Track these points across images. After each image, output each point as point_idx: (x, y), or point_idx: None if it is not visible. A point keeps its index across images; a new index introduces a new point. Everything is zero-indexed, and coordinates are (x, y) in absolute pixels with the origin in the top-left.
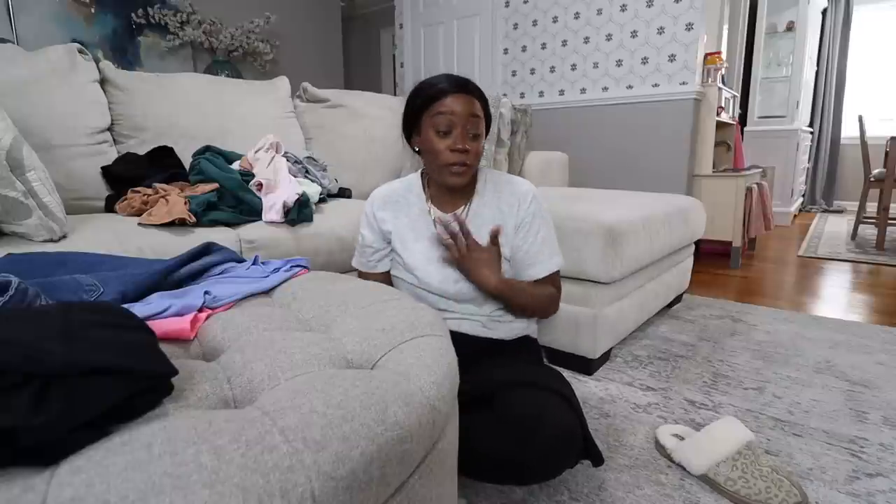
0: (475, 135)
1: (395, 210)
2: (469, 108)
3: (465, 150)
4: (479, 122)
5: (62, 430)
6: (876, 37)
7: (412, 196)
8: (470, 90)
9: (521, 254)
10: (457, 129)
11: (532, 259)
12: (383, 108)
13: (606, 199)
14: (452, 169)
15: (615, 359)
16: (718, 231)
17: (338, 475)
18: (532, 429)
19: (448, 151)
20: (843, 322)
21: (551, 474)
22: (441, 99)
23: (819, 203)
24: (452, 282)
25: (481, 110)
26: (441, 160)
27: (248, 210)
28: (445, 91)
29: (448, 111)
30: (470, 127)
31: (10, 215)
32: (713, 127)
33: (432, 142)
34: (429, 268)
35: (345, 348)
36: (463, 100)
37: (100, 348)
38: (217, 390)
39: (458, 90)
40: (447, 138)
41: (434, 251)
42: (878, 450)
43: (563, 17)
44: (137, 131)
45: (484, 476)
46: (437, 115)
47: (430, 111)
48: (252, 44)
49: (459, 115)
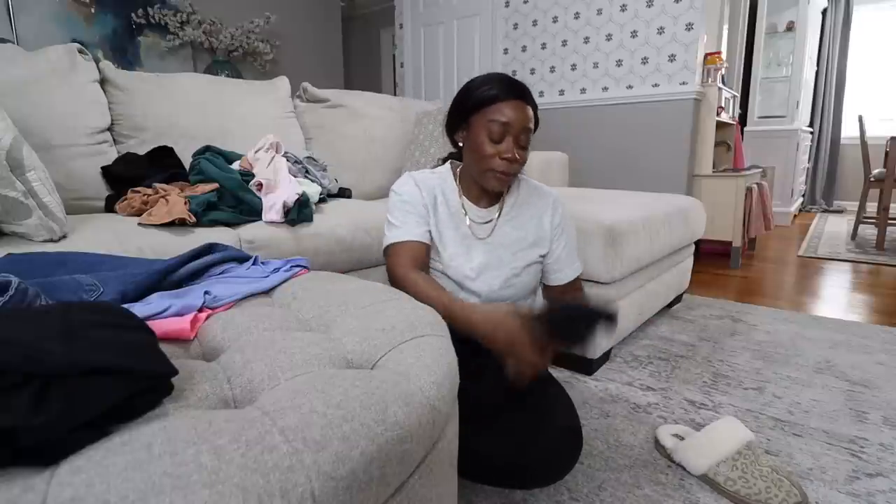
0: (524, 145)
1: (433, 198)
2: (524, 119)
3: (514, 160)
4: (530, 134)
5: (62, 430)
6: (876, 37)
7: (447, 189)
8: (527, 99)
9: (551, 259)
10: (510, 137)
11: (560, 265)
12: (383, 108)
13: (606, 199)
14: (498, 175)
15: (615, 359)
16: (718, 231)
17: (338, 475)
18: (533, 433)
19: (497, 158)
20: (843, 322)
21: (553, 478)
22: (498, 104)
23: (819, 203)
24: (497, 288)
25: (534, 120)
26: (488, 164)
27: (248, 210)
28: (504, 97)
29: (504, 119)
30: (522, 137)
31: (10, 215)
32: (713, 127)
33: (483, 145)
34: (464, 267)
35: (345, 348)
36: (520, 109)
37: (100, 348)
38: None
39: (516, 98)
40: (499, 145)
41: (469, 250)
42: (878, 450)
43: (563, 17)
44: (137, 131)
45: (484, 479)
46: (493, 121)
47: (486, 113)
48: (252, 44)
49: (514, 124)
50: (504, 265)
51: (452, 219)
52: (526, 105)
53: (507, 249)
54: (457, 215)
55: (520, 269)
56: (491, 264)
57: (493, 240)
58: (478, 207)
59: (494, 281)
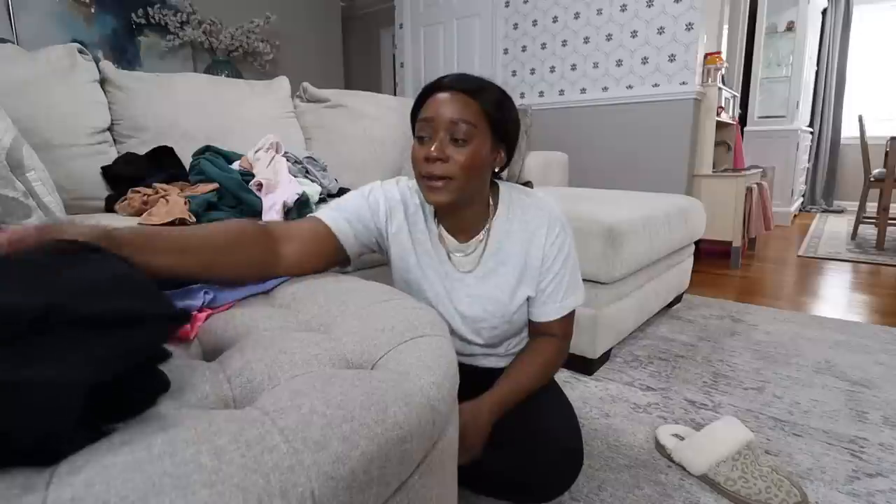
0: (462, 140)
1: (405, 221)
2: (451, 110)
3: (439, 159)
4: (469, 128)
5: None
6: (876, 37)
7: (423, 211)
8: (461, 89)
9: (534, 293)
10: (438, 134)
11: (544, 297)
12: (383, 108)
13: (606, 199)
14: (429, 183)
15: (615, 359)
16: (718, 231)
17: (338, 475)
18: (532, 455)
19: (423, 161)
20: (843, 322)
21: (552, 497)
22: (425, 100)
23: (819, 203)
24: (481, 331)
25: (478, 113)
26: (417, 170)
27: (248, 210)
28: (437, 88)
29: (426, 114)
30: (456, 129)
31: (10, 215)
32: (713, 127)
33: (412, 150)
34: (447, 307)
35: (345, 348)
36: (447, 101)
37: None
38: (217, 390)
39: (441, 90)
40: (426, 145)
41: (448, 291)
42: (878, 450)
43: (563, 17)
44: (137, 131)
45: (483, 491)
46: (418, 120)
47: (418, 114)
48: (252, 44)
49: (439, 118)
50: (494, 310)
51: (424, 247)
52: (462, 95)
53: (498, 288)
54: (430, 244)
55: (508, 315)
56: (475, 310)
57: (478, 276)
58: (455, 239)
59: (483, 331)
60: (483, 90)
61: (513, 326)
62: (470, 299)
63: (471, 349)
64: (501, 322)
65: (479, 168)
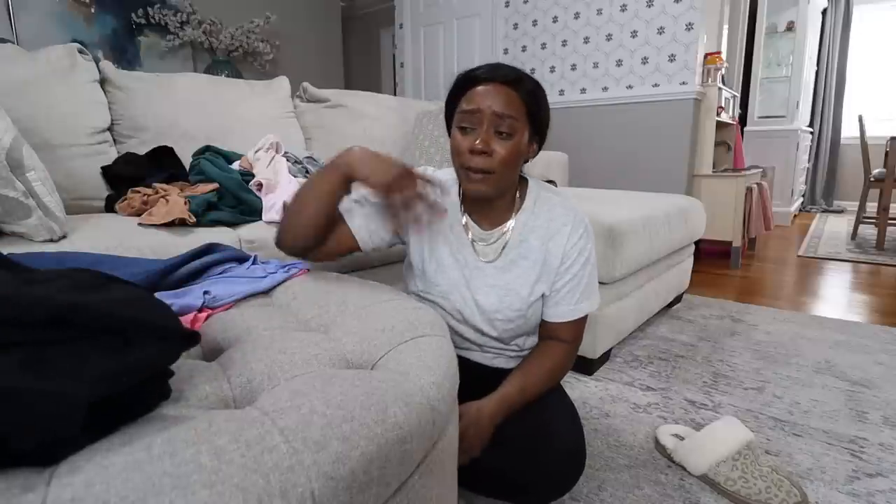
0: (506, 133)
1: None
2: (498, 103)
3: (484, 153)
4: (512, 122)
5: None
6: (876, 37)
7: (448, 200)
8: (507, 82)
9: (550, 291)
10: (482, 126)
11: (558, 297)
12: (383, 108)
13: (606, 199)
14: (470, 174)
15: (615, 359)
16: (718, 231)
17: (338, 475)
18: (533, 456)
19: (467, 153)
20: (843, 322)
21: (553, 498)
22: (469, 91)
23: (819, 203)
24: (495, 323)
25: (520, 106)
26: (459, 160)
27: (248, 210)
28: (475, 82)
29: (471, 106)
30: (500, 124)
31: (10, 215)
32: (713, 127)
33: (455, 138)
34: (465, 294)
35: (344, 348)
36: (492, 93)
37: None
38: (217, 390)
39: (489, 81)
40: (469, 136)
41: (468, 279)
42: (878, 450)
43: (563, 17)
44: (137, 131)
45: (483, 491)
46: (463, 111)
47: (460, 104)
48: (252, 44)
49: (485, 110)
50: (511, 302)
51: (451, 238)
52: (504, 87)
53: (517, 280)
54: (456, 234)
55: (524, 309)
56: (491, 300)
57: (499, 267)
58: (481, 228)
59: (497, 322)
60: (521, 80)
61: (527, 322)
62: (488, 289)
63: (483, 340)
64: (517, 316)
65: (516, 161)
